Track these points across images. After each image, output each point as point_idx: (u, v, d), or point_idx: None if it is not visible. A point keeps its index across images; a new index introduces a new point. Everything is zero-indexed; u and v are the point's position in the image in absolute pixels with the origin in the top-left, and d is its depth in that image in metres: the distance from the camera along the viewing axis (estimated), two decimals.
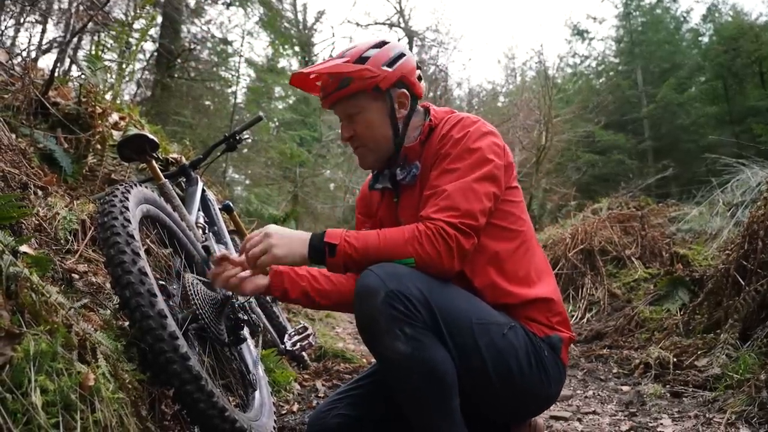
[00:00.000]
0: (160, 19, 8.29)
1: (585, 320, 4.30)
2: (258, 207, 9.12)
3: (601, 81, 19.81)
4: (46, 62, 8.47)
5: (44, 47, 5.61)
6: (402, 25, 18.27)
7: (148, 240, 1.81)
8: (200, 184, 2.29)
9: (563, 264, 5.00)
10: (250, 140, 10.36)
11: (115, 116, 2.86)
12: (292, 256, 1.27)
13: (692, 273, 3.75)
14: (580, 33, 20.73)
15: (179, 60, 8.64)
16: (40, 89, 2.45)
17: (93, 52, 3.24)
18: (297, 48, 15.36)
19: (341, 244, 1.24)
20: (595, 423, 2.17)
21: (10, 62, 2.79)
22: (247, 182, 13.15)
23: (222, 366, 1.76)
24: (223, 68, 10.32)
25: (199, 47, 9.37)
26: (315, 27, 17.89)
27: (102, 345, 1.12)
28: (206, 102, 10.39)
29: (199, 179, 2.31)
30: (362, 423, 1.46)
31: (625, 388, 2.68)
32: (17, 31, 5.45)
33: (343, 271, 1.31)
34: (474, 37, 44.07)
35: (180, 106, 8.98)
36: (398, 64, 1.40)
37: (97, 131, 2.53)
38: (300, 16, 17.63)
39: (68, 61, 5.38)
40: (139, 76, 8.30)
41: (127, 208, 1.25)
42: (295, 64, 14.95)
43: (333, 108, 1.46)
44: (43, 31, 5.87)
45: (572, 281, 4.85)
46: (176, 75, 8.79)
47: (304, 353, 2.58)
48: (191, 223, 1.92)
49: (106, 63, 3.12)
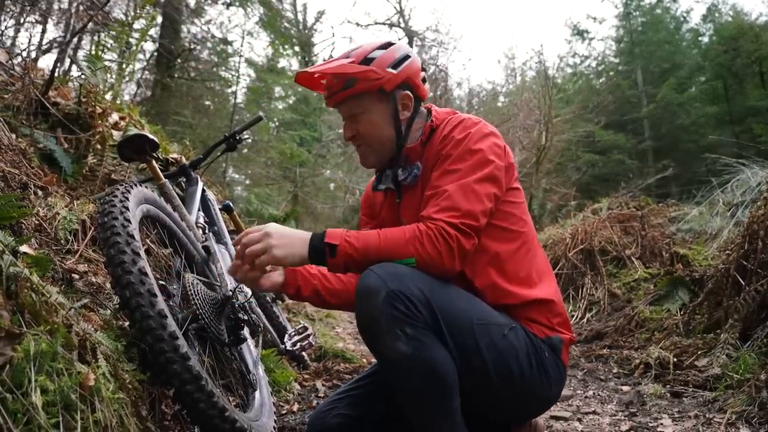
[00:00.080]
0: (160, 19, 8.29)
1: (585, 320, 4.30)
2: (258, 207, 9.12)
3: (601, 81, 19.82)
4: (46, 62, 8.48)
5: (44, 47, 5.62)
6: (402, 25, 18.27)
7: (148, 240, 1.82)
8: (200, 184, 2.29)
9: (563, 264, 5.00)
10: (250, 140, 10.36)
11: (115, 116, 2.86)
12: (292, 257, 1.26)
13: (692, 273, 3.75)
14: (580, 33, 20.74)
15: (179, 60, 8.64)
16: (40, 89, 2.45)
17: (93, 52, 3.24)
18: (297, 48, 15.37)
19: (342, 245, 1.23)
20: (595, 423, 2.17)
21: (10, 62, 2.79)
22: (247, 182, 13.15)
23: (222, 366, 1.76)
24: (223, 68, 10.33)
25: (199, 47, 9.38)
26: (315, 27, 17.91)
27: (102, 345, 1.12)
28: (206, 102, 10.39)
29: (199, 179, 2.31)
30: (362, 423, 1.46)
31: (625, 388, 2.68)
32: (17, 31, 5.46)
33: (344, 271, 1.31)
34: (474, 37, 44.13)
35: (180, 106, 8.99)
36: (403, 66, 1.40)
37: (97, 131, 2.53)
38: (300, 16, 17.66)
39: (68, 61, 5.39)
40: (139, 76, 8.30)
41: (127, 208, 1.25)
42: (295, 64, 14.96)
43: (337, 107, 1.46)
44: (43, 31, 5.88)
45: (572, 281, 4.85)
46: (176, 75, 8.79)
47: (304, 353, 2.58)
48: (191, 223, 1.92)
49: (106, 63, 3.12)
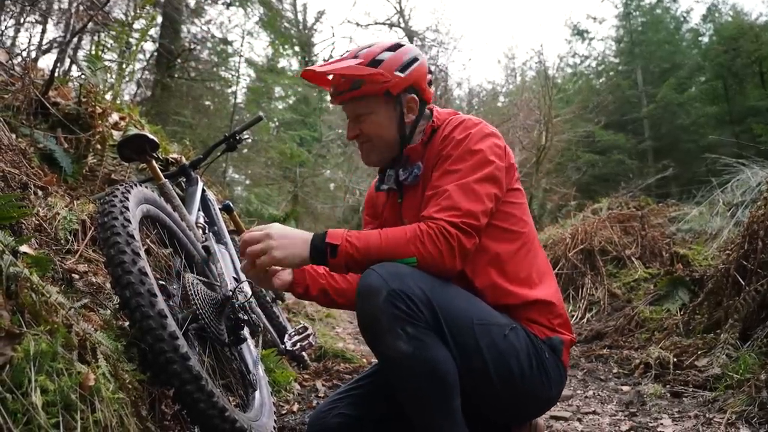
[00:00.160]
0: (160, 19, 8.30)
1: (585, 320, 4.30)
2: (258, 207, 9.14)
3: (601, 81, 19.82)
4: (46, 62, 8.48)
5: (44, 47, 5.62)
6: (402, 25, 18.26)
7: (148, 240, 1.82)
8: (200, 184, 2.29)
9: (563, 264, 5.00)
10: (250, 140, 10.37)
11: (115, 116, 2.85)
12: (291, 259, 1.26)
13: (692, 273, 3.75)
14: (580, 33, 20.74)
15: (179, 60, 8.65)
16: (40, 89, 2.45)
17: (93, 52, 3.25)
18: (297, 48, 15.38)
19: (342, 245, 1.23)
20: (595, 423, 2.17)
21: (10, 62, 2.79)
22: (247, 182, 13.16)
23: (222, 366, 1.76)
24: (223, 68, 10.35)
25: (199, 47, 9.38)
26: (315, 27, 17.93)
27: (102, 345, 1.12)
28: (206, 102, 10.40)
29: (199, 179, 2.31)
30: (362, 423, 1.46)
31: (625, 388, 2.68)
32: (17, 31, 5.46)
33: (345, 271, 1.31)
34: (474, 37, 44.12)
35: (180, 106, 9.00)
36: (411, 70, 1.40)
37: (97, 131, 2.53)
38: (300, 16, 17.67)
39: (68, 61, 5.39)
40: (139, 76, 8.30)
41: (127, 208, 1.25)
42: (295, 64, 14.97)
43: (342, 105, 1.46)
44: (43, 31, 5.88)
45: (572, 281, 4.85)
46: (176, 75, 8.80)
47: (304, 353, 2.58)
48: (191, 223, 1.92)
49: (106, 63, 3.12)
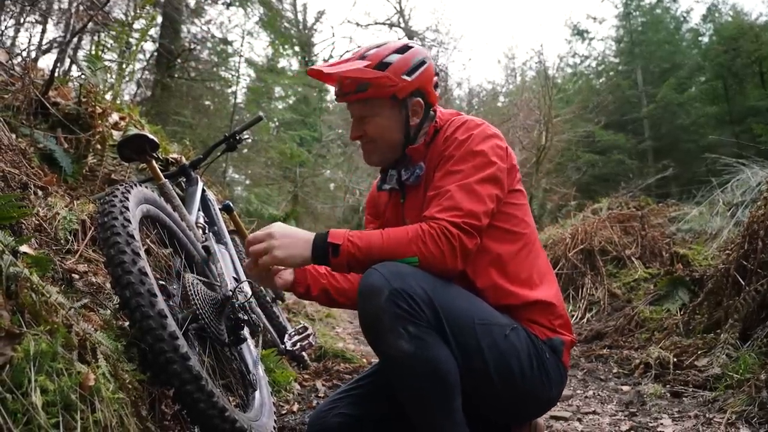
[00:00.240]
0: (160, 19, 8.30)
1: (585, 320, 4.30)
2: (258, 207, 9.14)
3: (601, 81, 19.81)
4: (46, 62, 8.47)
5: (44, 47, 5.62)
6: (402, 25, 18.28)
7: (148, 240, 1.82)
8: (200, 184, 2.29)
9: (563, 264, 5.00)
10: (250, 140, 10.37)
11: (115, 116, 2.85)
12: (293, 259, 1.26)
13: (692, 273, 3.75)
14: (580, 33, 20.73)
15: (179, 60, 8.65)
16: (40, 89, 2.45)
17: (93, 52, 3.25)
18: (297, 48, 15.38)
19: (344, 244, 1.24)
20: (595, 423, 2.17)
21: (10, 62, 2.79)
22: (247, 182, 13.16)
23: (222, 366, 1.76)
24: (223, 68, 10.35)
25: (199, 47, 9.39)
26: (315, 27, 17.93)
27: (102, 345, 1.12)
28: (206, 102, 10.40)
29: (199, 179, 2.31)
30: (362, 422, 1.46)
31: (625, 388, 2.68)
32: (17, 31, 5.46)
33: (347, 271, 1.31)
34: (474, 37, 44.18)
35: (180, 106, 9.00)
36: (418, 73, 1.39)
37: (97, 131, 2.53)
38: (300, 16, 17.67)
39: (68, 61, 5.39)
40: (139, 76, 8.30)
41: (127, 208, 1.25)
42: (295, 64, 14.97)
43: (347, 105, 1.46)
44: (43, 31, 5.88)
45: (572, 281, 4.85)
46: (176, 75, 8.80)
47: (304, 353, 2.57)
48: (191, 223, 1.92)
49: (106, 63, 3.12)
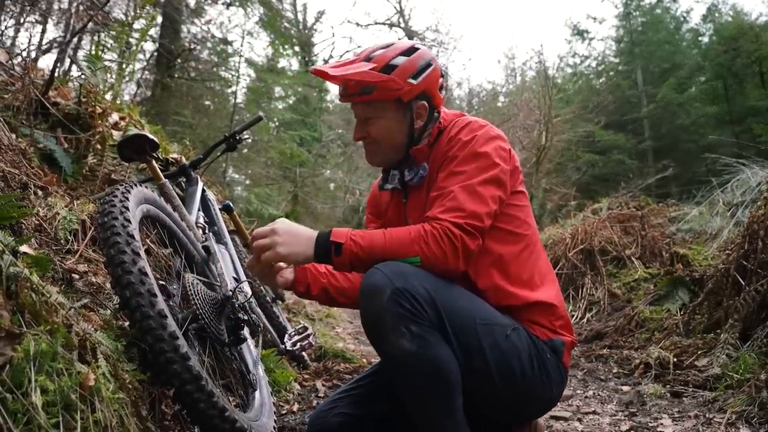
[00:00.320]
0: (160, 19, 8.29)
1: (585, 320, 4.30)
2: (258, 207, 9.13)
3: (601, 81, 19.81)
4: (46, 62, 8.46)
5: (44, 47, 5.62)
6: (402, 25, 18.28)
7: (148, 240, 1.81)
8: (200, 184, 2.28)
9: (563, 264, 5.00)
10: (250, 140, 10.36)
11: (115, 116, 2.85)
12: (295, 256, 1.27)
13: (692, 273, 3.75)
14: (580, 33, 20.72)
15: (179, 60, 8.64)
16: (40, 89, 2.45)
17: (93, 52, 3.25)
18: (297, 48, 15.37)
19: (347, 243, 1.24)
20: (595, 423, 2.17)
21: (10, 62, 2.79)
22: (247, 182, 13.15)
23: (222, 366, 1.76)
24: (223, 68, 10.33)
25: (199, 47, 9.38)
26: (315, 27, 17.93)
27: (102, 345, 1.12)
28: (206, 102, 10.40)
29: (199, 179, 2.31)
30: (363, 422, 1.46)
31: (625, 388, 2.68)
32: (17, 31, 5.46)
33: (349, 270, 1.32)
34: (474, 37, 44.23)
35: (180, 106, 8.99)
36: (423, 76, 1.39)
37: (97, 131, 2.53)
38: (300, 16, 17.67)
39: (68, 61, 5.38)
40: (139, 76, 8.30)
41: (127, 208, 1.25)
42: (295, 64, 14.97)
43: (351, 105, 1.46)
44: (43, 31, 5.87)
45: (572, 281, 4.85)
46: (176, 75, 8.79)
47: (304, 353, 2.57)
48: (191, 223, 1.91)
49: (106, 63, 3.12)
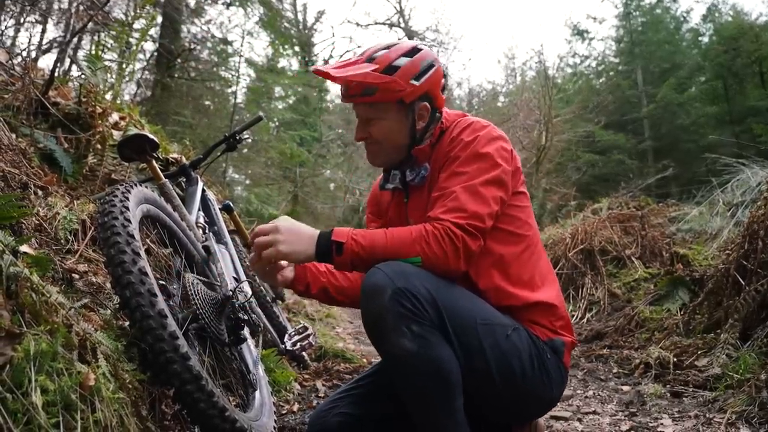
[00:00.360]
0: (160, 19, 8.29)
1: (585, 320, 4.30)
2: (258, 207, 9.13)
3: (601, 81, 19.80)
4: (46, 62, 8.45)
5: (44, 47, 5.61)
6: (402, 25, 18.28)
7: (148, 240, 1.81)
8: (200, 184, 2.28)
9: (563, 264, 5.00)
10: (250, 140, 10.36)
11: (115, 116, 2.85)
12: (296, 255, 1.27)
13: (692, 273, 3.75)
14: (580, 33, 20.71)
15: (179, 60, 8.64)
16: (40, 89, 2.45)
17: (93, 52, 3.25)
18: (297, 48, 15.37)
19: (348, 242, 1.24)
20: (595, 423, 2.17)
21: (10, 62, 2.79)
22: (247, 182, 13.14)
23: (222, 366, 1.76)
24: (223, 68, 10.33)
25: (199, 47, 9.37)
26: (315, 27, 17.93)
27: (102, 345, 1.12)
28: (206, 102, 10.39)
29: (199, 179, 2.31)
30: (363, 422, 1.46)
31: (626, 388, 2.68)
32: (17, 31, 5.45)
33: (351, 269, 1.32)
34: (474, 37, 44.23)
35: (180, 106, 8.98)
36: (426, 77, 1.39)
37: (97, 131, 2.53)
38: (300, 16, 17.67)
39: (68, 61, 5.38)
40: (139, 76, 8.29)
41: (127, 208, 1.25)
42: (295, 64, 14.97)
43: (352, 105, 1.46)
44: (43, 31, 5.87)
45: (572, 281, 4.85)
46: (176, 75, 8.79)
47: (304, 353, 2.57)
48: (191, 223, 1.91)
49: (106, 63, 3.12)
